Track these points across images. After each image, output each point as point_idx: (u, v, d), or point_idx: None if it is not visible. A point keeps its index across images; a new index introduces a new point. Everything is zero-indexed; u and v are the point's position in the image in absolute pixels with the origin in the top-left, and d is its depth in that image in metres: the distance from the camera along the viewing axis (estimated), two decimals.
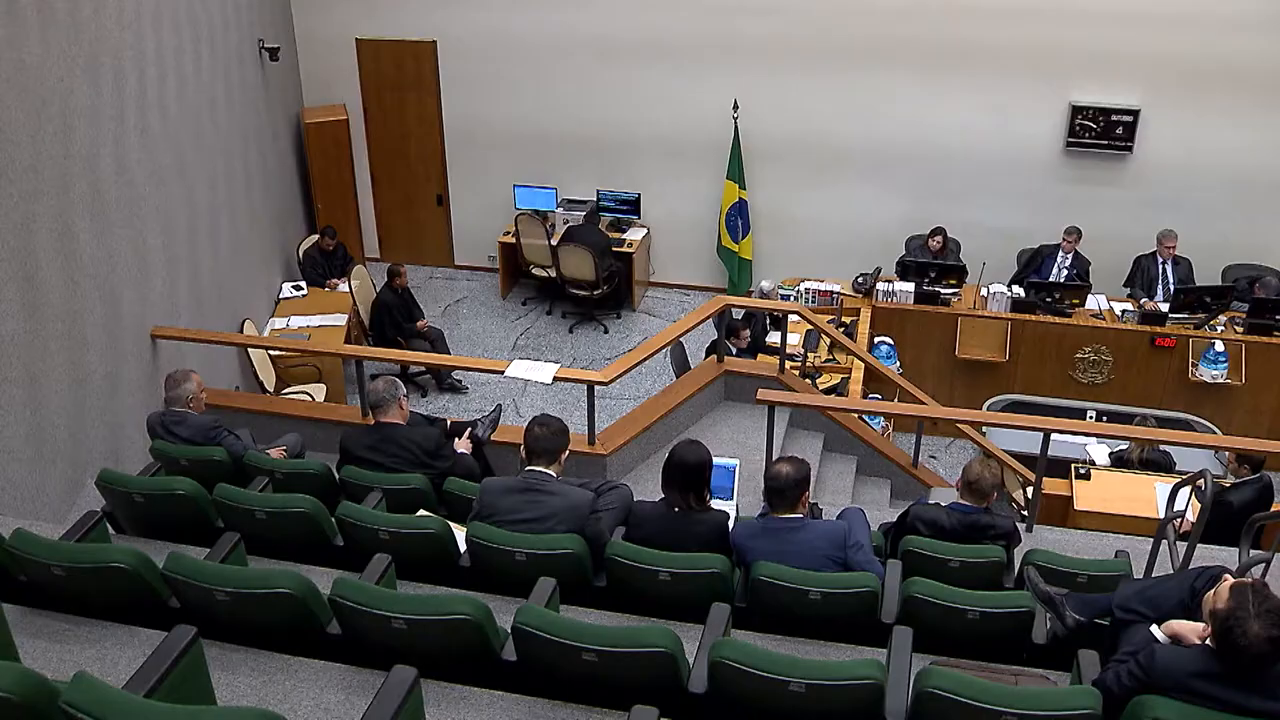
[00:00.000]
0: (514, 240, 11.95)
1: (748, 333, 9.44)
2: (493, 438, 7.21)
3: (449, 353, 10.96)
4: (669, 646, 3.77)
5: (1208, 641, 3.56)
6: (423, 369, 10.78)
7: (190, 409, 6.53)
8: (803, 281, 10.84)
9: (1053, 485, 8.09)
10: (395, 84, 12.26)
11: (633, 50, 11.57)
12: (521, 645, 4.00)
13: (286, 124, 11.62)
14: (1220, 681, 3.44)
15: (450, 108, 12.31)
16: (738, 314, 9.65)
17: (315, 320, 10.53)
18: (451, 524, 5.36)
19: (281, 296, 11.04)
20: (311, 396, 9.46)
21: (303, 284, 11.18)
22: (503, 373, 7.66)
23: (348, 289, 10.85)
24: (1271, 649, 3.34)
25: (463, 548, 5.26)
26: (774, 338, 9.64)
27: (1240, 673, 3.43)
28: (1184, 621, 3.82)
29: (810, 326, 9.09)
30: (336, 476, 6.15)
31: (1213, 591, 3.62)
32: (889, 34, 10.99)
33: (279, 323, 10.54)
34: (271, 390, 9.57)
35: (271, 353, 9.84)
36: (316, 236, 11.47)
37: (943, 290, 10.48)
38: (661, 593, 4.82)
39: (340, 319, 10.58)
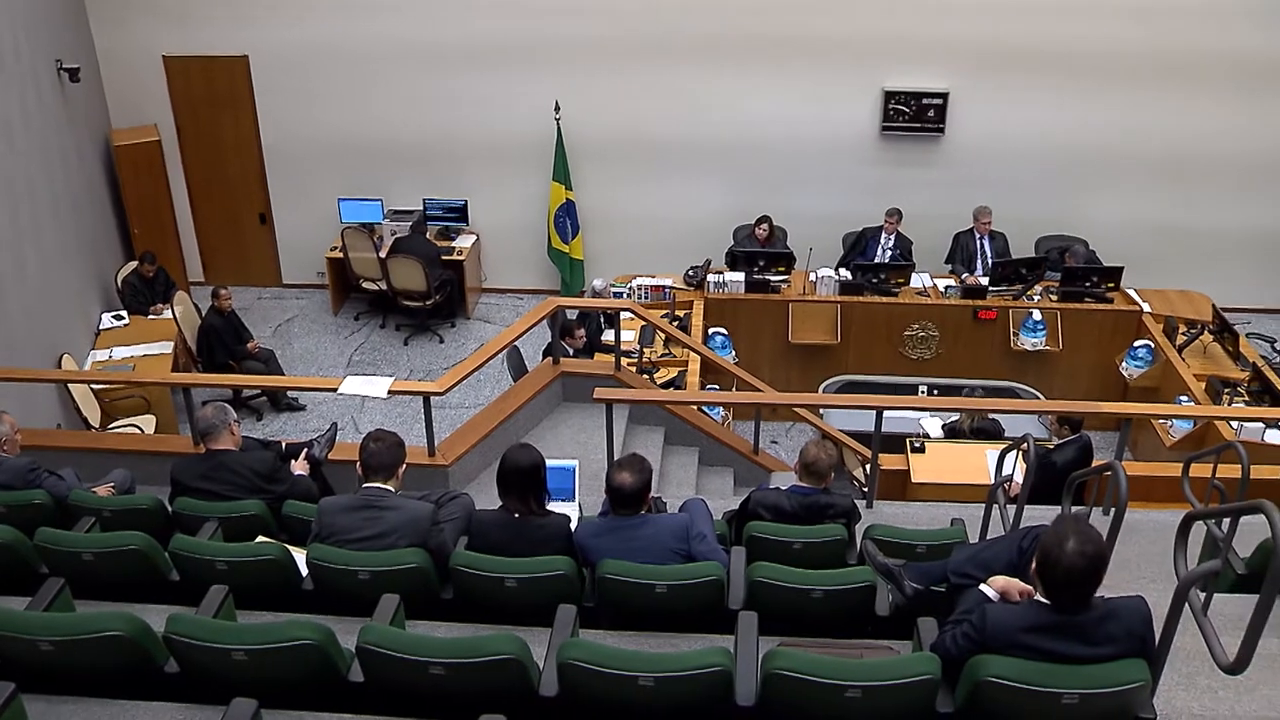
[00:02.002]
0: (342, 255, 11.75)
1: (583, 332, 9.45)
2: (331, 456, 7.05)
3: (282, 373, 10.70)
4: (516, 653, 3.75)
5: (1037, 596, 3.69)
6: (257, 391, 10.51)
7: (4, 452, 6.23)
8: (635, 278, 10.91)
9: (890, 461, 8.29)
10: (208, 101, 11.91)
11: (452, 56, 11.48)
12: (367, 665, 3.92)
13: (94, 147, 11.17)
14: (1049, 633, 3.56)
15: (268, 123, 12.03)
16: (572, 314, 9.66)
17: (139, 350, 10.17)
18: (292, 548, 5.22)
19: (102, 327, 10.64)
20: (141, 429, 9.12)
21: (124, 313, 10.78)
22: (336, 390, 7.52)
23: (172, 315, 10.50)
24: (1085, 564, 3.47)
25: (304, 571, 5.14)
26: (609, 336, 9.67)
27: (1063, 606, 3.56)
28: (1007, 577, 3.94)
29: (644, 322, 9.14)
30: (170, 509, 5.95)
31: None
32: (704, 29, 11.15)
33: (100, 354, 10.15)
34: (97, 426, 9.20)
35: (94, 386, 9.46)
36: (135, 263, 11.05)
37: (772, 278, 10.66)
38: (509, 600, 4.79)
39: (166, 347, 10.24)
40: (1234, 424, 8.63)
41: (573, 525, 5.15)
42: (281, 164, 12.21)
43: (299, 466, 6.64)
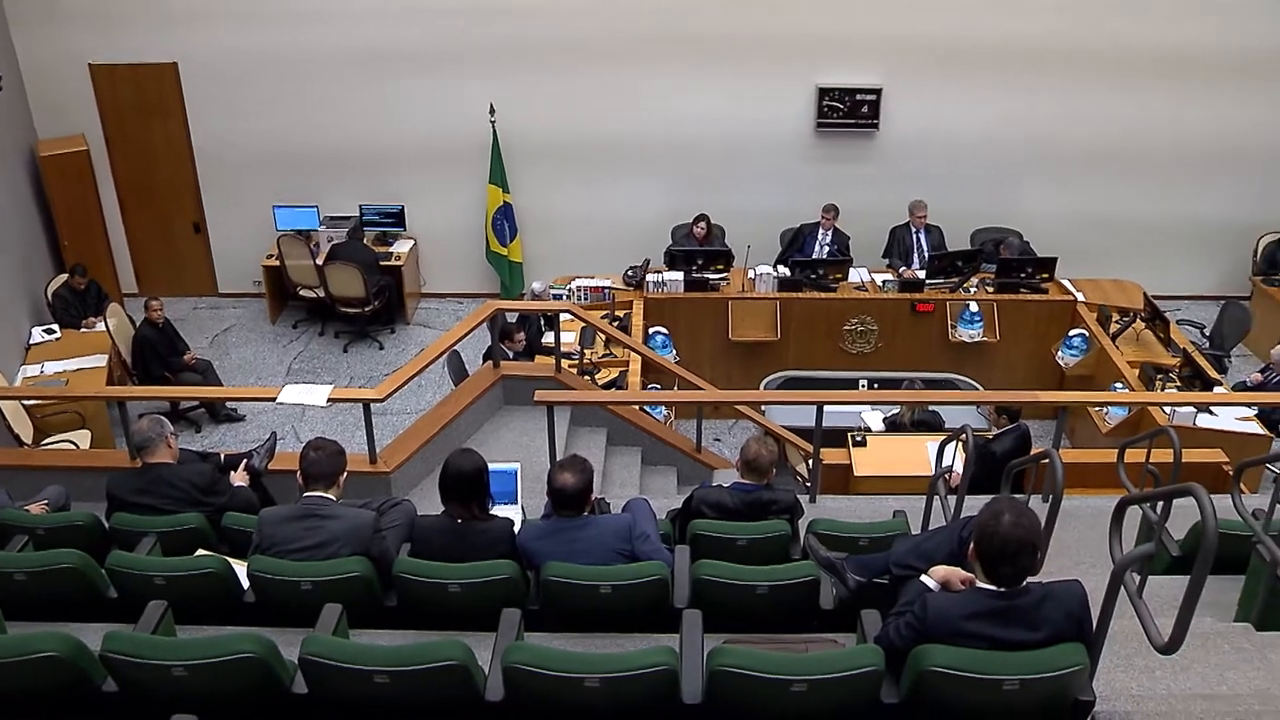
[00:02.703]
0: (278, 263, 11.63)
1: (523, 335, 9.42)
2: (271, 466, 6.97)
3: (220, 384, 10.57)
4: (460, 659, 3.73)
5: (978, 584, 3.72)
6: (194, 403, 10.37)
7: None
8: (574, 279, 10.89)
9: (832, 455, 8.35)
10: (137, 110, 11.74)
11: (386, 61, 11.41)
12: (311, 676, 3.88)
13: (19, 158, 10.99)
14: (989, 619, 3.60)
15: (199, 131, 11.88)
16: (511, 317, 9.62)
17: (72, 364, 10.00)
18: (232, 560, 5.16)
19: (32, 342, 10.47)
20: (75, 445, 8.97)
21: (55, 327, 10.61)
22: (275, 400, 7.44)
23: (105, 328, 10.34)
24: (1022, 534, 3.54)
25: (245, 583, 5.08)
26: (549, 338, 9.64)
27: (1002, 582, 3.60)
28: (948, 566, 3.98)
29: (584, 324, 9.13)
30: (106, 525, 5.85)
31: None
32: (639, 29, 11.17)
33: (31, 369, 9.98)
34: (30, 442, 9.03)
35: (26, 402, 9.29)
36: (66, 275, 10.87)
37: (711, 276, 10.69)
38: (454, 605, 4.76)
39: (100, 360, 10.07)
40: (1167, 409, 8.79)
41: (516, 529, 5.13)
42: (214, 172, 12.06)
43: (238, 478, 6.55)
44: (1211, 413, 8.90)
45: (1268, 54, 11.26)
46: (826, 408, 7.48)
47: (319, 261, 11.37)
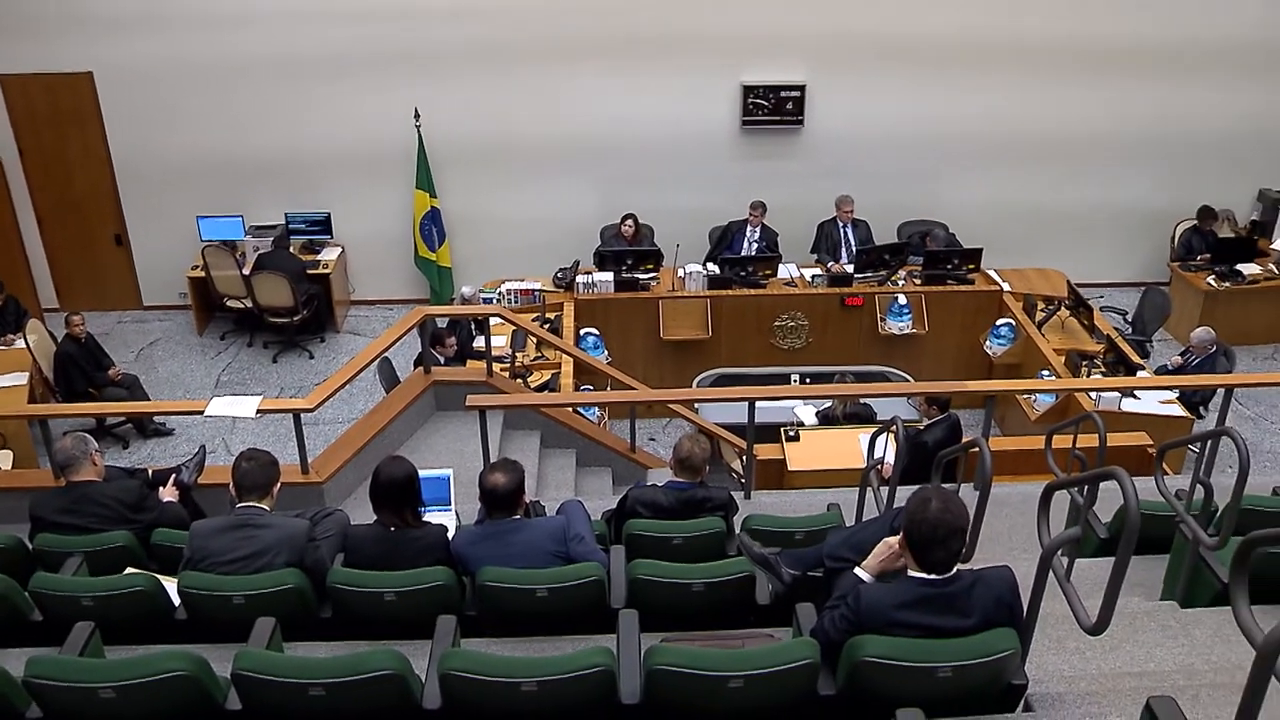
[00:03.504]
0: (204, 274, 11.46)
1: (453, 340, 9.35)
2: (201, 480, 6.87)
3: (147, 398, 10.38)
4: (396, 668, 3.69)
5: (910, 573, 3.75)
6: (121, 419, 10.19)
7: None
8: (504, 283, 10.85)
9: (766, 451, 8.39)
10: (52, 121, 11.50)
11: (307, 67, 11.28)
12: (244, 692, 3.82)
13: None
14: (921, 607, 3.64)
15: (118, 141, 11.66)
16: (442, 322, 9.56)
17: None
18: (162, 577, 5.07)
19: None
20: None
21: None
22: (203, 413, 7.33)
23: (25, 345, 10.11)
24: (950, 518, 3.59)
25: (176, 600, 4.99)
26: (480, 342, 9.59)
27: (931, 567, 3.63)
28: (875, 548, 4.00)
29: (515, 327, 9.10)
30: (30, 547, 5.73)
31: None
32: (562, 31, 11.15)
33: None
34: None
35: None
36: None
37: (641, 276, 10.70)
38: (389, 614, 4.72)
39: (20, 378, 9.83)
40: (1092, 394, 8.94)
41: (450, 535, 5.10)
42: (135, 183, 11.85)
43: (168, 493, 6.44)
44: (1135, 397, 9.07)
45: (1179, 46, 11.51)
46: (759, 404, 7.52)
47: (245, 271, 11.21)
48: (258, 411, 7.29)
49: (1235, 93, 11.77)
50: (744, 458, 7.74)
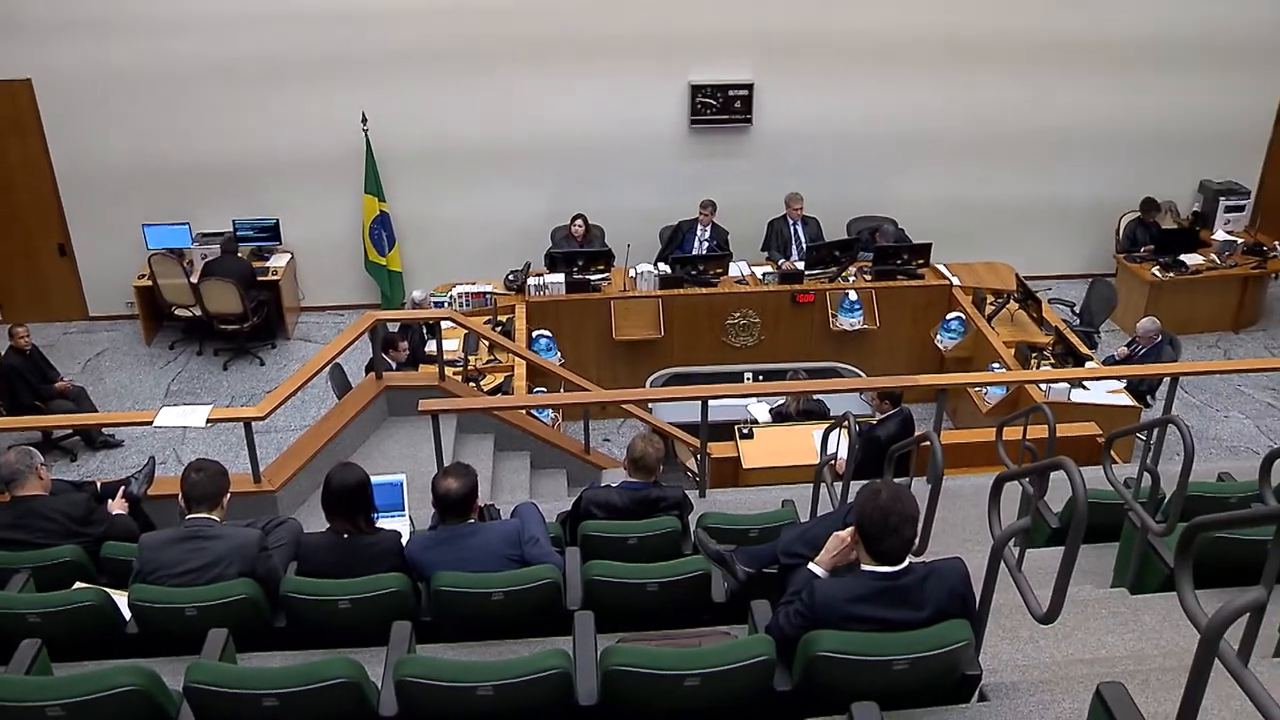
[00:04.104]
0: (151, 283, 11.31)
1: (405, 345, 9.31)
2: (150, 491, 6.79)
3: (95, 410, 10.24)
4: (351, 676, 3.66)
5: (863, 566, 3.77)
6: (68, 431, 10.04)
7: None
8: (455, 286, 10.80)
9: (721, 449, 8.40)
10: None
11: (252, 72, 11.16)
12: (197, 705, 3.77)
13: None
14: (874, 601, 3.65)
15: (59, 150, 11.47)
16: (393, 327, 9.51)
17: None
18: (113, 591, 5.00)
19: None
20: None
21: None
22: (152, 423, 7.25)
23: None
24: (901, 507, 3.62)
25: (127, 614, 4.93)
26: (432, 346, 9.55)
27: (883, 559, 3.65)
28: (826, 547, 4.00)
29: (467, 331, 9.07)
30: None
31: None
32: (506, 33, 11.11)
33: None
34: None
35: None
36: None
37: (592, 277, 10.69)
38: (344, 622, 4.68)
39: None
40: (1042, 386, 9.03)
41: (404, 540, 5.07)
42: (78, 192, 11.67)
43: (117, 505, 6.36)
44: (1084, 387, 9.18)
45: (1123, 41, 11.66)
46: (713, 402, 7.54)
47: (193, 279, 11.09)
48: (208, 420, 7.21)
49: (1176, 86, 11.95)
50: (699, 456, 7.75)
